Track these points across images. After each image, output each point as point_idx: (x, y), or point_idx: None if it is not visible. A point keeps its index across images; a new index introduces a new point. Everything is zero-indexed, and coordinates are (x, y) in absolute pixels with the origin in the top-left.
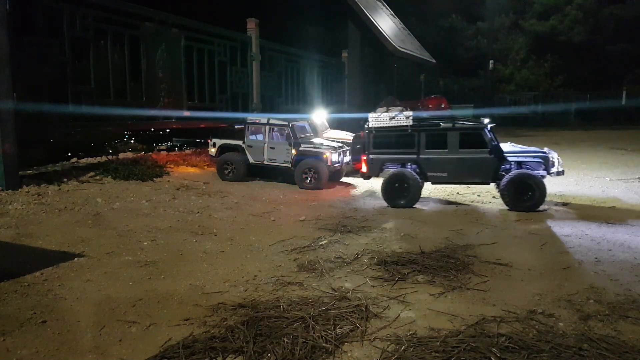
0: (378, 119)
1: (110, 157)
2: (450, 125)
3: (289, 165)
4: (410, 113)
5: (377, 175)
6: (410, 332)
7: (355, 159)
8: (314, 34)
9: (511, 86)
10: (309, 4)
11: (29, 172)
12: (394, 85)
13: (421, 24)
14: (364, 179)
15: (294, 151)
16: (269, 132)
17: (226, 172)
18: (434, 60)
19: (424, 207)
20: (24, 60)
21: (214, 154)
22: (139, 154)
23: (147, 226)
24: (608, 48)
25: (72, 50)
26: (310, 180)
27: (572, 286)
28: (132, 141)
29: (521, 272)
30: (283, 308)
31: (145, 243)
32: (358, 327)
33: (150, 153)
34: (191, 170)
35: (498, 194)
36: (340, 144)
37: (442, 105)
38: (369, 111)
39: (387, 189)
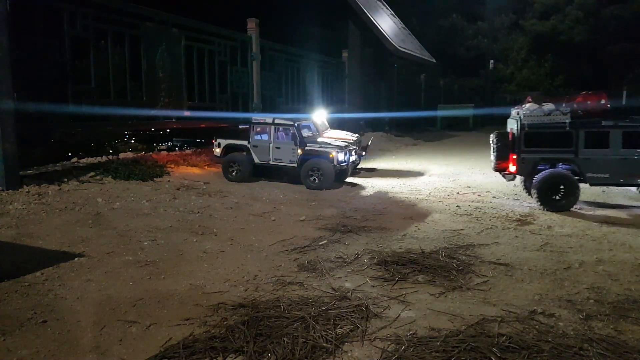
0: (532, 115)
1: (110, 157)
2: (612, 122)
3: (295, 165)
4: (568, 109)
5: (527, 176)
6: (411, 332)
7: (500, 158)
8: (314, 33)
9: (512, 86)
10: (309, 4)
11: (29, 172)
12: (394, 85)
13: (421, 23)
14: (508, 180)
15: (299, 151)
16: (275, 132)
17: (231, 172)
18: (434, 60)
19: (425, 207)
20: (24, 59)
21: (218, 154)
22: (139, 154)
23: (148, 226)
24: (609, 48)
25: (73, 50)
26: (316, 180)
27: (573, 286)
28: (133, 141)
29: (522, 272)
30: (283, 308)
31: (145, 243)
32: (358, 327)
33: (151, 153)
34: (191, 170)
35: (499, 194)
36: (346, 144)
37: (602, 102)
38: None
39: (542, 190)
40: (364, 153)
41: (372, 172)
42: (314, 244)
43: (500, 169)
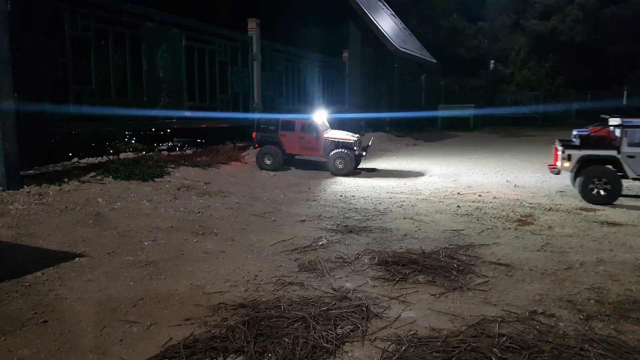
0: None
1: (111, 157)
2: None
3: None
4: None
5: None
6: (411, 332)
7: None
8: (315, 34)
9: (512, 86)
10: (309, 4)
11: (30, 172)
12: (395, 85)
13: (422, 24)
14: None
15: None
16: None
17: (594, 192)
18: (434, 60)
19: (425, 208)
20: (25, 60)
21: (568, 169)
22: (139, 154)
23: (148, 226)
24: (609, 48)
25: (73, 50)
26: None
27: (574, 286)
28: (133, 141)
29: (522, 272)
30: (284, 308)
31: (146, 243)
32: (359, 327)
33: (151, 153)
34: (192, 170)
35: (499, 194)
36: None
37: None
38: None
39: None
40: (364, 153)
41: (372, 173)
42: (314, 244)
43: None
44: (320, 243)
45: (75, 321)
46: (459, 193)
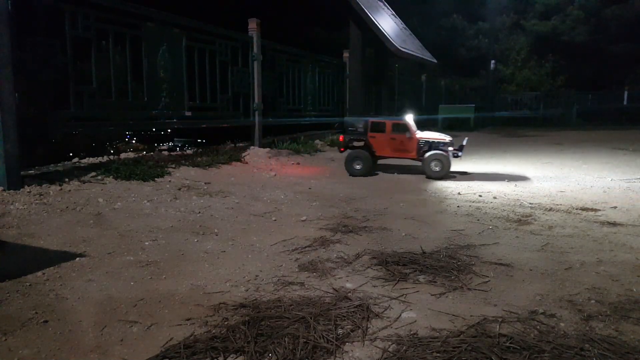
0: None
1: (111, 157)
2: None
3: None
4: None
5: None
6: (412, 332)
7: None
8: (315, 34)
9: (512, 86)
10: (310, 4)
11: (30, 172)
12: (395, 85)
13: (422, 24)
14: None
15: None
16: None
17: None
18: (435, 61)
19: (426, 208)
20: (25, 60)
21: None
22: (140, 154)
23: (149, 226)
24: (610, 48)
25: (74, 50)
26: None
27: (574, 286)
28: (134, 141)
29: (522, 272)
30: (284, 308)
31: (146, 243)
32: (359, 327)
33: (152, 153)
34: (192, 170)
35: (500, 194)
36: None
37: None
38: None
39: None
40: (459, 154)
41: (373, 173)
42: (314, 244)
43: None
44: (321, 243)
45: (76, 321)
46: (459, 193)
